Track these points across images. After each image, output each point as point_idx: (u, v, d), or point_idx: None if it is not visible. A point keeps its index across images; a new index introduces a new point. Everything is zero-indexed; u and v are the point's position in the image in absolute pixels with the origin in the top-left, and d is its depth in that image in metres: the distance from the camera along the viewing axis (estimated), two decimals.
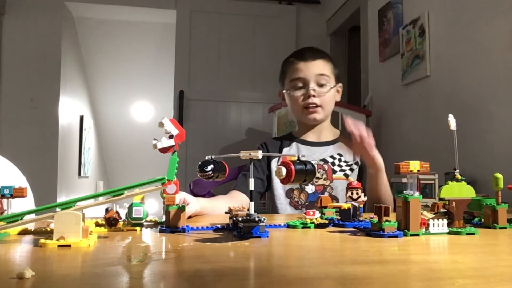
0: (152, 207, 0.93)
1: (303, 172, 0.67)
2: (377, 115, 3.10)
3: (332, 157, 1.43)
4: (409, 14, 2.78)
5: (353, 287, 0.41)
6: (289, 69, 1.43)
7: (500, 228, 0.84)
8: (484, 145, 1.99)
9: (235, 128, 3.79)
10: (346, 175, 1.41)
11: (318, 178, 1.39)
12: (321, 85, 1.40)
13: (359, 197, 0.89)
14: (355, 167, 1.43)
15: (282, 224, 0.83)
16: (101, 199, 0.71)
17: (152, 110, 5.19)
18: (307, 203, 1.37)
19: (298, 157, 0.68)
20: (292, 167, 0.66)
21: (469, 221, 0.91)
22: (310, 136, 1.48)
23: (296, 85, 1.40)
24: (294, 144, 1.47)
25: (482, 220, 0.89)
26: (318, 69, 1.40)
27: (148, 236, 0.73)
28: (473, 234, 0.76)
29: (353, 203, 0.88)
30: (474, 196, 0.83)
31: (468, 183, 0.82)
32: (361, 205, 0.90)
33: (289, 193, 1.39)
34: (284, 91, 1.47)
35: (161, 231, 0.75)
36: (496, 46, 1.96)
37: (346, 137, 1.22)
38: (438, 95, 2.41)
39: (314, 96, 1.38)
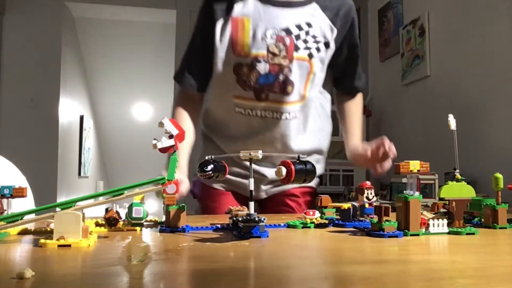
0: (152, 207, 0.93)
1: (303, 172, 0.67)
2: (377, 115, 3.10)
3: (298, 26, 1.11)
4: (409, 14, 2.78)
5: (353, 287, 0.41)
6: None
7: (500, 228, 0.84)
8: (484, 145, 1.98)
9: None
10: (310, 55, 1.12)
11: (274, 54, 1.09)
12: None
13: (373, 197, 0.88)
14: (323, 47, 1.14)
15: (282, 224, 0.83)
16: (101, 199, 0.71)
17: (151, 110, 5.20)
18: (257, 86, 1.11)
19: (298, 156, 0.68)
20: (292, 167, 0.66)
21: (469, 221, 0.91)
22: None
23: None
24: (250, 0, 1.11)
25: (482, 220, 0.89)
26: None
27: (148, 236, 0.73)
28: (473, 234, 0.76)
29: (354, 203, 0.87)
30: (474, 196, 0.83)
31: (468, 183, 0.82)
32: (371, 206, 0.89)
33: (237, 69, 1.12)
34: None
35: (161, 231, 0.75)
36: (496, 46, 1.96)
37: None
38: (438, 95, 2.41)
39: None
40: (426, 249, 0.65)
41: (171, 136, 0.71)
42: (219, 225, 0.80)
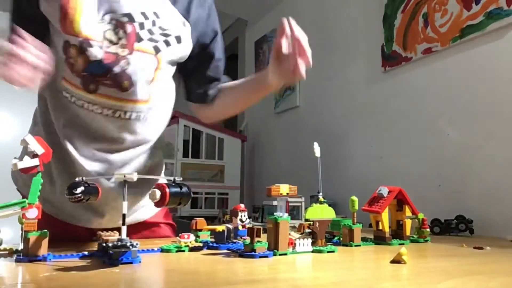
0: (5, 234, 0.83)
1: (178, 195, 0.67)
2: (252, 140, 3.25)
3: (144, 14, 0.94)
4: None
5: None
6: None
7: (355, 245, 0.94)
8: (343, 171, 2.21)
9: None
10: (157, 50, 0.95)
11: (111, 42, 0.92)
12: None
13: (246, 219, 0.91)
14: (174, 41, 0.99)
15: (156, 249, 0.81)
16: None
17: (14, 124, 4.66)
18: (84, 73, 0.91)
19: (174, 179, 0.68)
20: (167, 190, 0.66)
21: (330, 240, 1.00)
22: None
23: None
24: None
25: (341, 238, 0.98)
26: None
27: (2, 266, 0.65)
28: (333, 251, 0.84)
29: (228, 225, 0.90)
30: (334, 217, 0.92)
31: (329, 205, 0.91)
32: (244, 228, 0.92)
33: (66, 47, 0.91)
34: None
35: (17, 260, 0.67)
36: (356, 83, 2.22)
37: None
38: (306, 124, 2.62)
39: None
40: (293, 267, 0.70)
41: (35, 155, 0.65)
42: (86, 252, 0.75)
